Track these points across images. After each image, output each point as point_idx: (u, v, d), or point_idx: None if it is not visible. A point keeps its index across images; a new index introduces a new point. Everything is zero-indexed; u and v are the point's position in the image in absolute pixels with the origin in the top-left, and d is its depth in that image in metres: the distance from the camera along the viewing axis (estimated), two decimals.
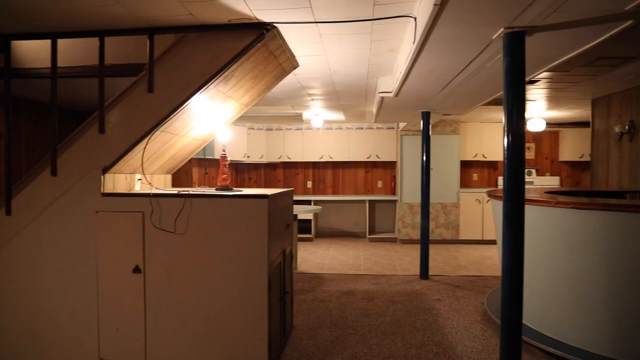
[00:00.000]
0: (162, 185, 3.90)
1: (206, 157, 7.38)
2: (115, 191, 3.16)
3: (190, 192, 3.04)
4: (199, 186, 7.12)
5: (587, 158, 8.47)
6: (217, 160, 7.51)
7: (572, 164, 9.40)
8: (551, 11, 2.34)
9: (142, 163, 3.32)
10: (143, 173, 3.49)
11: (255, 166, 9.70)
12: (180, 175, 6.95)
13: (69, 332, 3.10)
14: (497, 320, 3.97)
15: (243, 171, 9.65)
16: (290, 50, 3.65)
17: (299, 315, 4.36)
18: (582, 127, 8.67)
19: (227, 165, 3.46)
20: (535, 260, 3.64)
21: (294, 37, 3.38)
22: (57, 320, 3.11)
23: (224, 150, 3.48)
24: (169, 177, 4.08)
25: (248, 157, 8.92)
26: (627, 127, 5.49)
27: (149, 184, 3.58)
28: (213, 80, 3.05)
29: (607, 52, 3.93)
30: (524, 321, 3.45)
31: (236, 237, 2.93)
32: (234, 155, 8.35)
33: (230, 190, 3.34)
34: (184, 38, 3.09)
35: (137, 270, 3.01)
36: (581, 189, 7.50)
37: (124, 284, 3.03)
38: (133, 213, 3.01)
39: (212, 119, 3.80)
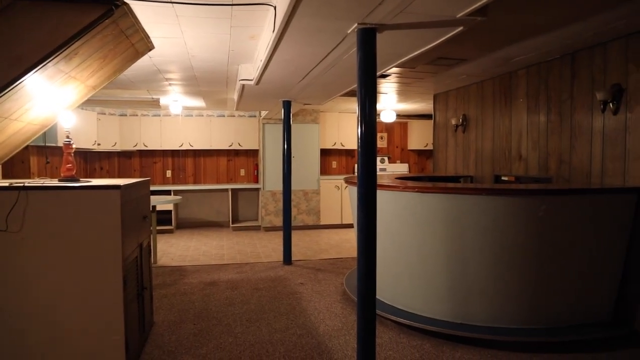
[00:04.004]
0: None
1: (47, 144, 6.56)
2: None
3: (26, 184, 2.68)
4: (38, 177, 6.32)
5: (430, 147, 9.44)
6: (60, 148, 6.73)
7: (419, 152, 10.41)
8: (398, 11, 2.54)
9: None
10: None
11: (108, 155, 8.92)
12: (14, 165, 6.09)
13: None
14: (354, 299, 4.24)
15: (93, 160, 8.81)
16: (144, 31, 3.40)
17: (159, 311, 4.16)
18: (427, 119, 9.63)
19: (73, 154, 3.13)
20: (388, 241, 3.97)
21: (148, 17, 3.16)
22: None
23: (68, 137, 3.14)
24: None
25: (99, 144, 8.16)
26: (460, 120, 6.25)
27: None
28: (52, 58, 2.70)
29: (445, 53, 4.41)
30: (378, 297, 3.75)
31: (85, 232, 2.67)
32: (82, 143, 7.56)
33: (77, 181, 3.03)
34: (12, 6, 2.68)
35: None
36: (426, 174, 8.37)
37: None
38: None
39: (52, 102, 3.38)
